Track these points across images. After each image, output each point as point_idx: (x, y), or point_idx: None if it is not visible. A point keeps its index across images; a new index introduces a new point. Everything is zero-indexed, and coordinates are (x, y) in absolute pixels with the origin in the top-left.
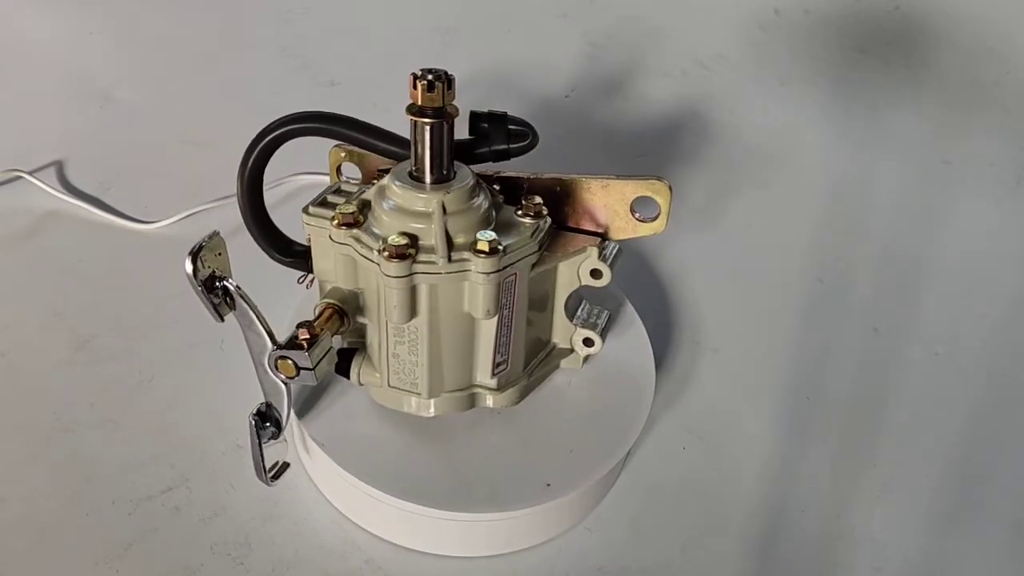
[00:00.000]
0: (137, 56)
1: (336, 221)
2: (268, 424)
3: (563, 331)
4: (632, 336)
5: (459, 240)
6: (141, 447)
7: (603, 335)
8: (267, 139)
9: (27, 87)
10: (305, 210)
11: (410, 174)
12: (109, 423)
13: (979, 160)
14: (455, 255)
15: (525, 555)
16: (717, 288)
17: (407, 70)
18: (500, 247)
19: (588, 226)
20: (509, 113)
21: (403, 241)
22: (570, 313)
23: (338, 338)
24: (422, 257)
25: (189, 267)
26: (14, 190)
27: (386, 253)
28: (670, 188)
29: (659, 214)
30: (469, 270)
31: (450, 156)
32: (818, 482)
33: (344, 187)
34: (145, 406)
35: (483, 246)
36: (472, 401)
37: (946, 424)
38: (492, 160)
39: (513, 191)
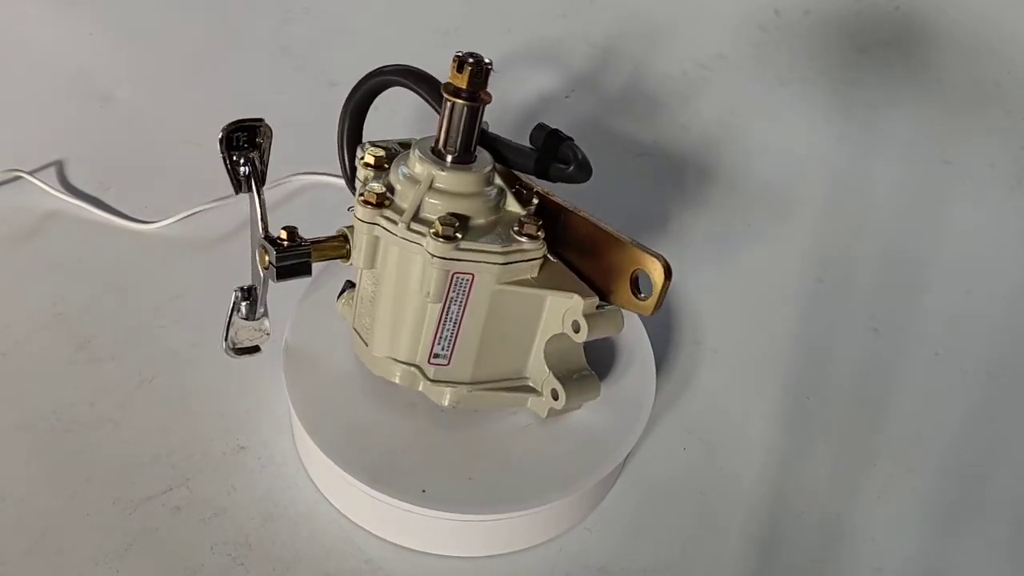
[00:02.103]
0: (137, 56)
1: (364, 161)
2: (247, 302)
3: (537, 371)
4: (632, 336)
5: (432, 216)
6: (141, 447)
7: (574, 395)
8: (376, 79)
9: (27, 87)
10: (362, 144)
11: (431, 148)
12: (109, 423)
13: (979, 160)
14: (416, 226)
15: (525, 555)
16: (717, 288)
17: None
18: (456, 237)
19: (595, 277)
20: (573, 141)
21: (380, 190)
22: (551, 357)
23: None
24: (390, 215)
25: (221, 134)
26: (14, 190)
27: (362, 197)
28: (666, 271)
29: (651, 294)
30: (421, 244)
31: (466, 140)
32: (818, 482)
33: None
34: (145, 406)
35: (436, 227)
36: (412, 380)
37: (946, 424)
38: (533, 174)
39: (547, 214)
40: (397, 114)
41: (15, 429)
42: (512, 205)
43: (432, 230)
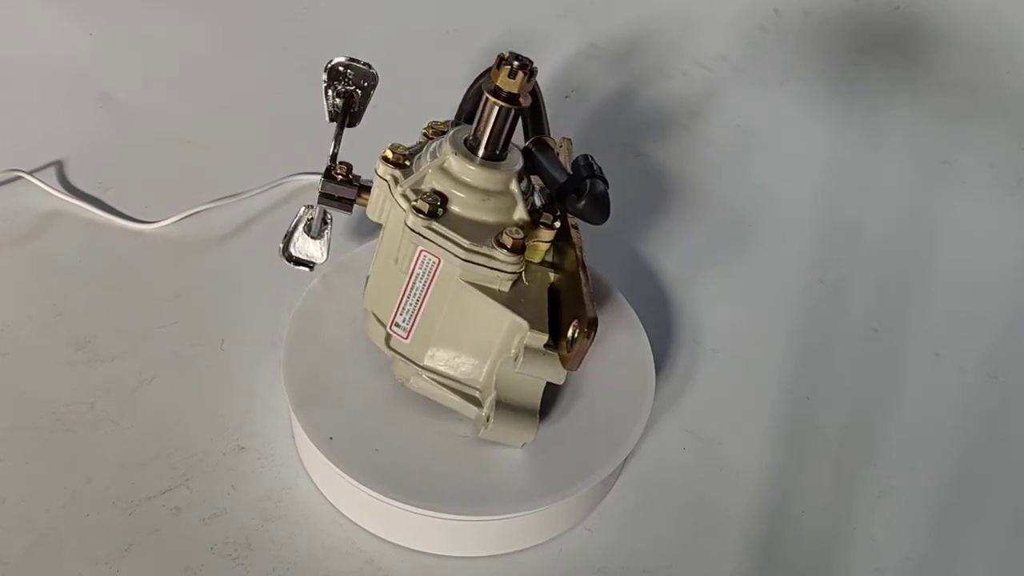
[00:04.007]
0: (137, 56)
1: (423, 130)
2: (310, 219)
3: (487, 387)
4: (632, 336)
5: (416, 188)
6: (141, 447)
7: (501, 426)
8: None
9: (27, 87)
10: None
11: (466, 137)
12: (109, 423)
13: (979, 160)
14: (410, 194)
15: (525, 555)
16: (717, 288)
17: (407, 70)
18: (431, 215)
19: (562, 318)
20: (601, 182)
21: (402, 152)
22: (501, 380)
23: None
24: (398, 176)
25: (337, 61)
26: (14, 190)
27: (384, 154)
28: (586, 328)
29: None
30: (403, 210)
31: (492, 138)
32: (818, 482)
33: None
34: (145, 406)
35: (417, 201)
36: (379, 339)
37: (946, 425)
38: (556, 198)
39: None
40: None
41: (15, 429)
42: (519, 215)
43: (413, 202)
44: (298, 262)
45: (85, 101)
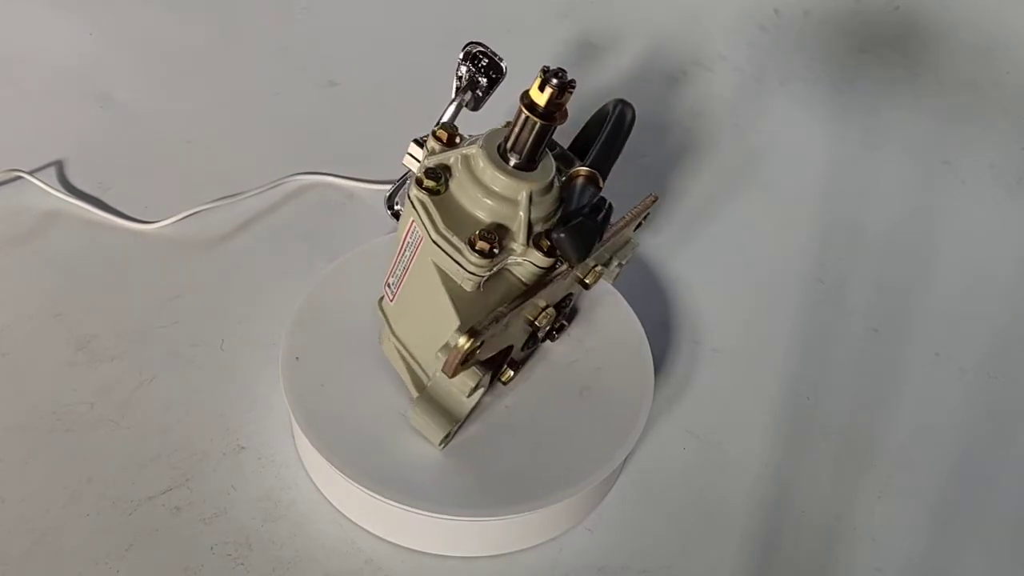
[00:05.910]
0: (137, 56)
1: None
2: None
3: (432, 376)
4: (632, 336)
5: (437, 164)
6: (141, 447)
7: (419, 417)
8: (605, 110)
9: (27, 87)
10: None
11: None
12: (109, 423)
13: (978, 161)
14: (431, 169)
15: (525, 555)
16: (717, 288)
17: (407, 70)
18: (428, 190)
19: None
20: (594, 225)
21: (453, 133)
22: (440, 374)
23: None
24: (436, 150)
25: (474, 47)
26: (14, 190)
27: (433, 129)
28: (455, 337)
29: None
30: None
31: (518, 146)
32: (818, 482)
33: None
34: (145, 406)
35: (421, 173)
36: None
37: (946, 425)
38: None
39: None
40: None
41: (15, 429)
42: (514, 225)
43: (418, 174)
44: (397, 216)
45: (85, 101)
